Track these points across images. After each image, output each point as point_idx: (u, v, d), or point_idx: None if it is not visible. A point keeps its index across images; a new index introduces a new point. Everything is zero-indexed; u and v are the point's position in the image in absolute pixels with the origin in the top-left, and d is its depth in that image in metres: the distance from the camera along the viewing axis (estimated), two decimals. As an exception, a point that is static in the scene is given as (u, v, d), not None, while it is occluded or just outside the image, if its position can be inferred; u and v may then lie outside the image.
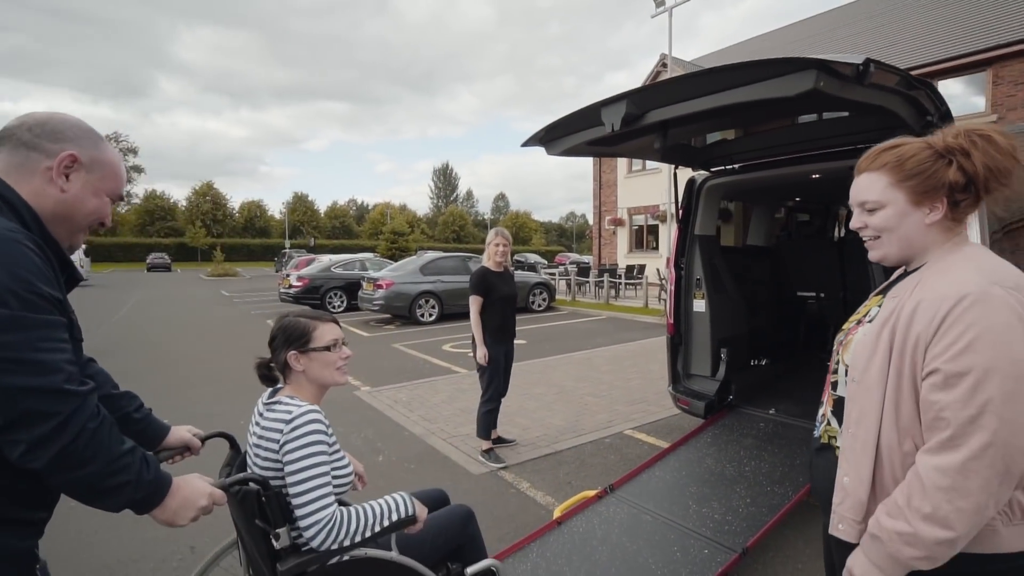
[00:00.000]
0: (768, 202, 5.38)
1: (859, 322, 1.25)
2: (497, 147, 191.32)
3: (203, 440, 1.69)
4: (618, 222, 22.26)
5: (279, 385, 1.71)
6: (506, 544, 2.65)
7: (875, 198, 1.17)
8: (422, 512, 1.68)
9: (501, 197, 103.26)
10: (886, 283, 1.31)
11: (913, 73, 2.26)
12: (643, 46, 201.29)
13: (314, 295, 13.97)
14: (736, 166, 3.87)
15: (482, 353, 3.98)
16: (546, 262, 35.35)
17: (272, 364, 1.70)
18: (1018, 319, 0.98)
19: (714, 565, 2.35)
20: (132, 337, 10.45)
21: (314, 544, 1.45)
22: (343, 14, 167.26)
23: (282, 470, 1.49)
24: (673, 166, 3.90)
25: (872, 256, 1.22)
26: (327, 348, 1.66)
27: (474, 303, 4.03)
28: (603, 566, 2.41)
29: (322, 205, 73.75)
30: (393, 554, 1.63)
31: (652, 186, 20.73)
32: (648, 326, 11.31)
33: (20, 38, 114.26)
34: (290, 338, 1.65)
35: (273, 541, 1.43)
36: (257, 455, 1.57)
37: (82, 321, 1.22)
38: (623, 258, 22.00)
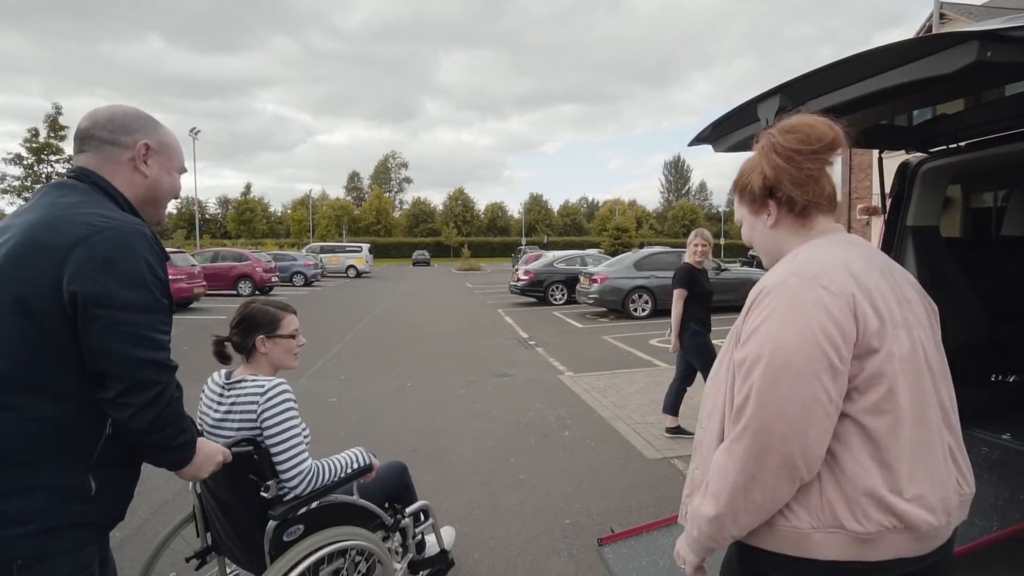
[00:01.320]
0: None
1: None
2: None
3: None
4: (872, 211, 19.02)
5: (230, 367, 1.94)
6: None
7: (736, 216, 1.29)
8: (375, 462, 2.06)
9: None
10: None
11: None
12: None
13: (538, 288, 15.23)
14: (962, 144, 3.31)
15: (675, 344, 4.34)
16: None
17: (227, 343, 1.91)
18: (800, 308, 0.97)
19: None
20: (398, 319, 12.90)
21: (296, 491, 1.75)
22: (577, 19, 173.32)
23: (260, 435, 1.74)
24: (878, 152, 3.52)
25: None
26: (291, 336, 1.93)
27: (679, 296, 4.31)
28: None
29: (555, 204, 78.34)
30: (355, 498, 1.99)
31: (923, 166, 17.23)
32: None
33: (336, 84, 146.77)
34: (261, 324, 1.89)
35: (263, 493, 1.69)
36: (226, 428, 1.78)
37: (365, 304, 1.81)
38: (881, 253, 18.78)
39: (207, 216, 68.60)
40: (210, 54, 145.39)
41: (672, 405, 4.45)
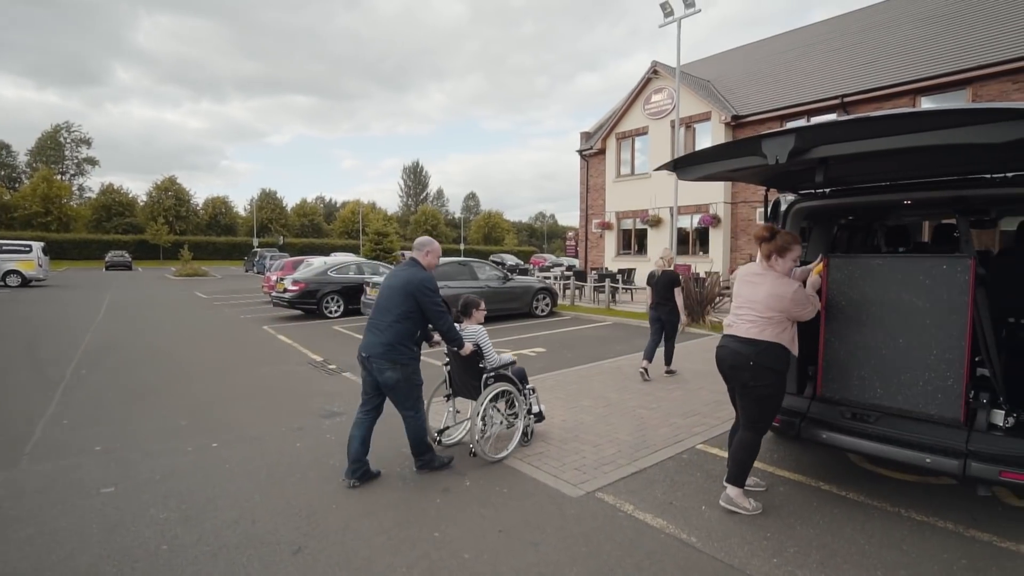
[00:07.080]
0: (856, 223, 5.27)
1: None
2: (466, 146, 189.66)
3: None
4: (606, 226, 22.47)
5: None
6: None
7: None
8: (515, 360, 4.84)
9: (472, 196, 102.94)
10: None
11: (892, 90, 2.29)
12: (617, 49, 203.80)
13: (311, 300, 13.63)
14: (827, 190, 3.95)
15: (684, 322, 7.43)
16: (521, 263, 35.35)
17: (460, 314, 4.59)
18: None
19: None
20: (133, 345, 9.94)
21: (492, 365, 4.50)
22: (316, 6, 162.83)
23: (478, 344, 4.40)
24: (766, 188, 3.95)
25: None
26: (484, 310, 4.73)
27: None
28: None
29: (290, 202, 72.05)
30: (510, 371, 4.70)
31: (641, 191, 21.00)
32: (656, 333, 11.41)
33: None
34: (474, 303, 4.63)
35: (481, 364, 4.42)
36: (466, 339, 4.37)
37: (67, 327, 1.28)
38: (610, 261, 22.23)
39: None
40: None
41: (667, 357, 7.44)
